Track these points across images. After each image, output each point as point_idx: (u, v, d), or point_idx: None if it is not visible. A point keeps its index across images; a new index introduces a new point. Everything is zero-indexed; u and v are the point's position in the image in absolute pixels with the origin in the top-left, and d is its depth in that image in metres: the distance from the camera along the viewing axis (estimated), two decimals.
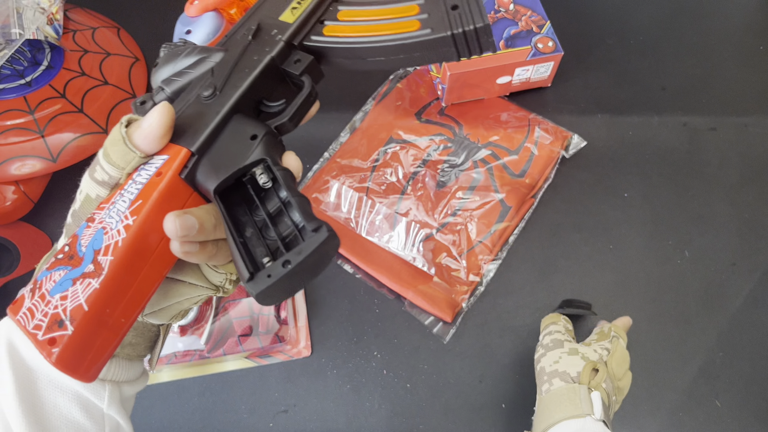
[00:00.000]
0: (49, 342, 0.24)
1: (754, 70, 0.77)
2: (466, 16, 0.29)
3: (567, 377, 0.46)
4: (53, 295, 0.25)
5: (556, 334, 0.51)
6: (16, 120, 0.61)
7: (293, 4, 0.33)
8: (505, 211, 0.66)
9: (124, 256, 0.26)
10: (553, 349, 0.49)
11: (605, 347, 0.50)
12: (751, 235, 0.66)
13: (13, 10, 0.63)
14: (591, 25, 0.80)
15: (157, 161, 0.27)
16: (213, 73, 0.30)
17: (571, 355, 0.48)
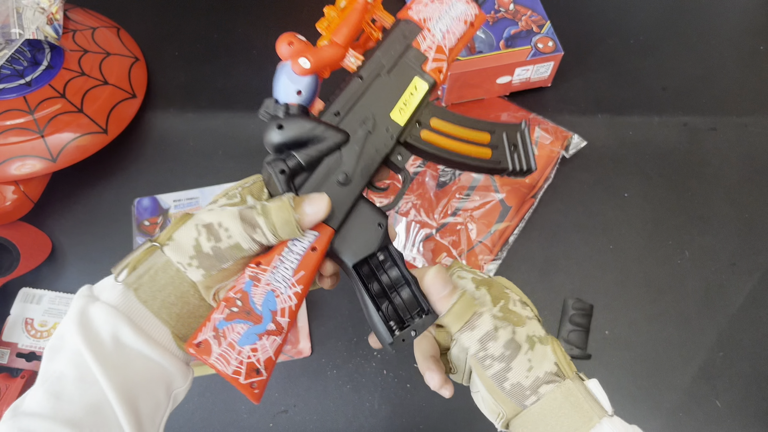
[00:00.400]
0: (250, 386, 0.33)
1: (755, 70, 0.77)
2: (521, 157, 0.42)
3: (552, 377, 0.35)
4: (242, 346, 0.33)
5: (502, 333, 0.36)
6: (15, 120, 0.61)
7: (400, 105, 0.40)
8: (505, 211, 0.66)
9: (294, 317, 0.35)
10: (517, 356, 0.36)
11: (518, 300, 0.38)
12: (750, 235, 0.66)
13: (12, 9, 0.63)
14: (591, 25, 0.80)
15: (309, 236, 0.36)
16: (342, 158, 0.38)
17: (535, 348, 0.36)
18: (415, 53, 0.41)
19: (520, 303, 0.38)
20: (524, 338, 0.36)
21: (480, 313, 0.37)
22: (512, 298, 0.38)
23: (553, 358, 0.36)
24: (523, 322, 0.37)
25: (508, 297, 0.38)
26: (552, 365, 0.36)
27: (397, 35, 0.41)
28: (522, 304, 0.38)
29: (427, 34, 0.42)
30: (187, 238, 0.34)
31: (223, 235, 0.34)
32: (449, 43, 0.42)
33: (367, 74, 0.40)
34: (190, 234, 0.34)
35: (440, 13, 0.42)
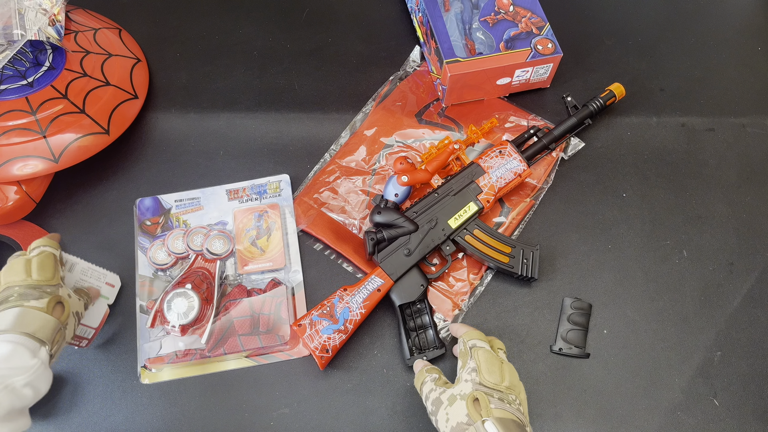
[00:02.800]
0: (320, 358, 0.57)
1: (752, 71, 0.77)
2: (529, 269, 0.62)
3: (463, 426, 0.45)
4: (323, 334, 0.57)
5: (432, 394, 0.50)
6: (18, 120, 0.61)
7: (456, 216, 0.62)
8: (505, 211, 0.67)
9: (356, 327, 0.59)
10: (438, 411, 0.48)
11: (471, 368, 0.49)
12: (748, 234, 0.66)
13: (15, 11, 0.64)
14: (590, 27, 0.81)
15: (377, 282, 0.60)
16: (410, 240, 0.61)
17: (452, 404, 0.47)
18: (474, 186, 0.63)
19: (470, 370, 0.49)
20: (448, 397, 0.48)
21: (426, 381, 0.52)
22: (468, 367, 0.49)
23: (464, 411, 0.45)
24: (458, 384, 0.49)
25: (465, 365, 0.50)
26: (463, 416, 0.45)
27: (467, 173, 0.64)
28: (470, 371, 0.49)
29: (487, 176, 0.64)
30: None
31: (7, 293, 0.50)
32: (499, 185, 0.64)
33: (441, 192, 0.63)
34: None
35: (499, 165, 0.64)
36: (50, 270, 0.51)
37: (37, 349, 0.46)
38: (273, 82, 0.76)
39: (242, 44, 0.79)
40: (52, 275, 0.51)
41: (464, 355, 0.52)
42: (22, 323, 0.46)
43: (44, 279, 0.50)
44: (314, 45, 0.79)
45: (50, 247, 0.53)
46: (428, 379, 0.52)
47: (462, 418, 0.45)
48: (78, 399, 0.58)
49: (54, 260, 0.52)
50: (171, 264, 0.63)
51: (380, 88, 0.75)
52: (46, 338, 0.47)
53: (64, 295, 0.51)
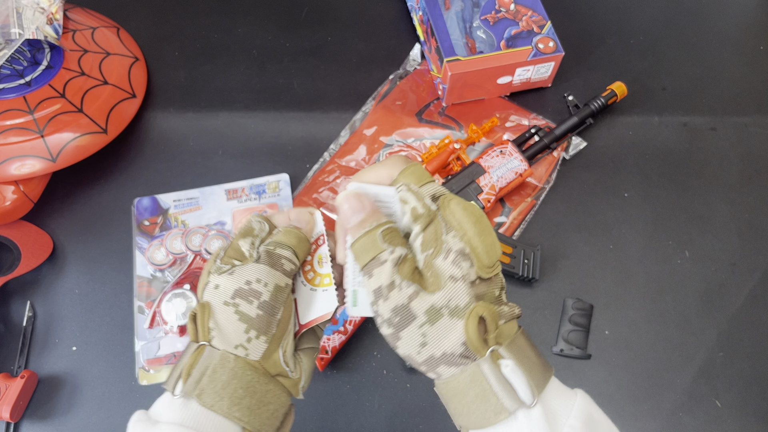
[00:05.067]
0: (320, 359, 0.56)
1: (754, 70, 0.77)
2: (530, 269, 0.61)
3: (454, 359, 0.29)
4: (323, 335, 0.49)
5: (394, 294, 0.30)
6: (15, 120, 0.61)
7: None
8: (506, 211, 0.66)
9: (356, 328, 0.58)
10: (406, 328, 0.30)
11: (456, 251, 0.29)
12: (751, 234, 0.66)
13: (12, 9, 0.63)
14: (591, 26, 0.80)
15: None
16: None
17: (434, 323, 0.29)
18: (475, 186, 0.62)
19: (456, 254, 0.29)
20: (425, 308, 0.29)
21: (381, 260, 0.30)
22: (446, 249, 0.29)
23: (462, 337, 0.29)
24: (438, 287, 0.29)
25: (440, 247, 0.29)
26: (457, 345, 0.29)
27: (468, 172, 0.63)
28: (459, 257, 0.29)
29: (487, 176, 0.63)
30: (228, 317, 0.31)
31: (260, 288, 0.32)
32: (500, 185, 0.63)
33: None
34: (227, 313, 0.31)
35: (500, 164, 0.63)
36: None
37: None
38: (272, 81, 0.76)
39: (241, 43, 0.79)
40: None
41: (423, 219, 0.30)
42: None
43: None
44: (314, 44, 0.79)
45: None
46: (387, 256, 0.30)
47: (454, 348, 0.29)
48: (76, 400, 0.58)
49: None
50: (169, 264, 0.63)
51: (380, 87, 0.75)
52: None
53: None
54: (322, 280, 0.37)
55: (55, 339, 0.61)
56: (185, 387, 0.30)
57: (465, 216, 0.30)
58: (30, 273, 0.62)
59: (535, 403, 0.28)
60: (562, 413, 0.29)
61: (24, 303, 0.62)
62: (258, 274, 0.32)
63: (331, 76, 0.76)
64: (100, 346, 0.60)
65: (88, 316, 0.62)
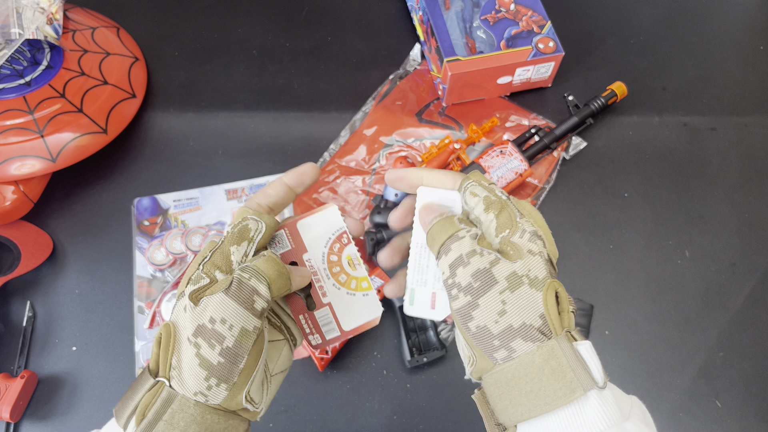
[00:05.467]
0: (320, 359, 0.56)
1: (755, 70, 0.77)
2: None
3: (532, 332, 0.28)
4: None
5: (475, 259, 0.30)
6: (15, 120, 0.61)
7: None
8: None
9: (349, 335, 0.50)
10: (486, 292, 0.29)
11: (530, 232, 0.31)
12: (751, 235, 0.66)
13: (12, 9, 0.63)
14: (591, 26, 0.80)
15: (377, 281, 0.58)
16: None
17: (516, 289, 0.29)
18: None
19: (531, 234, 0.30)
20: (506, 274, 0.29)
21: (460, 236, 0.31)
22: (522, 228, 0.31)
23: (541, 309, 0.28)
24: (519, 256, 0.30)
25: (517, 227, 0.31)
26: (536, 317, 0.28)
27: (468, 172, 0.59)
28: (533, 236, 0.30)
29: (487, 176, 0.61)
30: (189, 360, 0.29)
31: (224, 331, 0.29)
32: (500, 185, 0.62)
33: None
34: (189, 353, 0.29)
35: (500, 164, 0.63)
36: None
37: None
38: (272, 81, 0.76)
39: (241, 43, 0.79)
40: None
41: (495, 206, 0.32)
42: None
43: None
44: (313, 43, 0.79)
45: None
46: (465, 233, 0.31)
47: (532, 319, 0.29)
48: (76, 401, 0.58)
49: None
50: (169, 264, 0.63)
51: (380, 86, 0.75)
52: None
53: None
54: (359, 284, 0.36)
55: (55, 339, 0.61)
56: (139, 428, 0.28)
57: (533, 209, 0.33)
58: (30, 273, 0.62)
59: (605, 385, 0.28)
60: (625, 404, 0.29)
61: (24, 303, 0.62)
62: (224, 313, 0.29)
63: (331, 76, 0.76)
64: (100, 346, 0.60)
65: (88, 316, 0.62)
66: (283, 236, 0.36)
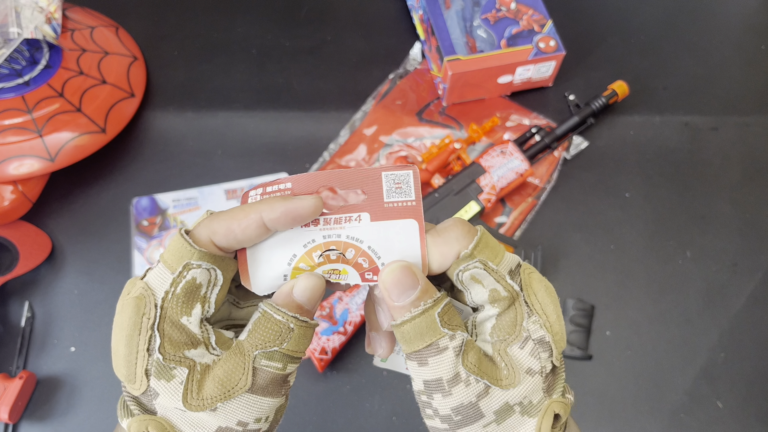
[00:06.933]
0: (320, 360, 0.55)
1: (756, 69, 0.77)
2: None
3: None
4: (321, 336, 0.55)
5: (458, 390, 0.24)
6: (14, 119, 0.61)
7: (456, 216, 0.58)
8: (506, 211, 0.66)
9: (356, 329, 0.57)
10: (466, 426, 0.25)
11: (534, 339, 0.25)
12: (752, 234, 0.65)
13: (11, 9, 0.63)
14: (592, 25, 0.80)
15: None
16: None
17: (502, 421, 0.25)
18: (475, 186, 0.62)
19: (535, 344, 0.25)
20: (496, 408, 0.24)
21: (440, 347, 0.24)
22: (525, 337, 0.25)
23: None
24: (514, 382, 0.24)
25: (520, 335, 0.25)
26: None
27: (468, 172, 0.63)
28: (537, 347, 0.25)
29: (488, 176, 0.62)
30: None
31: (257, 425, 0.24)
32: (500, 185, 0.62)
33: (442, 192, 0.62)
34: None
35: (500, 164, 0.63)
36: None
37: None
38: (271, 80, 0.76)
39: (240, 42, 0.78)
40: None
41: (503, 303, 0.25)
42: None
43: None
44: (313, 43, 0.78)
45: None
46: (447, 342, 0.24)
47: None
48: (74, 401, 0.58)
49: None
50: None
51: (380, 86, 0.74)
52: None
53: None
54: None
55: (54, 339, 0.60)
56: None
57: (548, 297, 0.26)
58: (28, 273, 0.62)
59: None
60: None
61: (22, 303, 0.62)
62: (259, 413, 0.24)
63: (331, 76, 0.76)
64: (98, 347, 0.60)
65: (86, 317, 0.61)
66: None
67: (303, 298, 0.24)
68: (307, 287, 0.24)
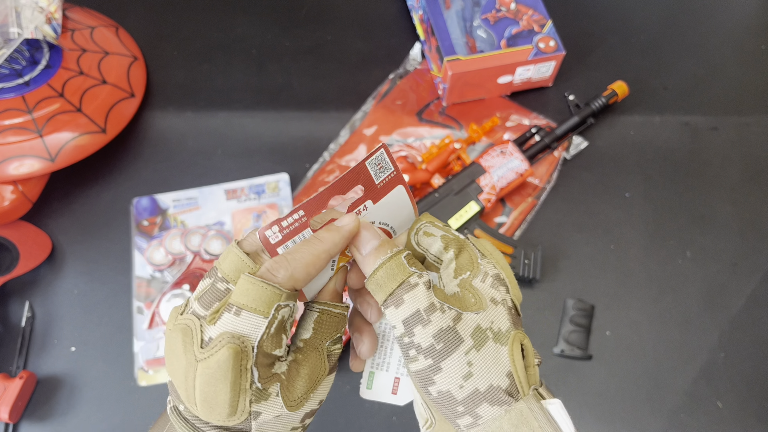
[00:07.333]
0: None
1: (756, 69, 0.77)
2: (530, 269, 0.61)
3: (499, 394, 0.26)
4: None
5: (436, 317, 0.26)
6: (14, 119, 0.61)
7: (457, 216, 0.60)
8: (506, 211, 0.66)
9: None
10: (450, 354, 0.26)
11: (493, 275, 0.28)
12: (752, 235, 0.65)
13: (11, 9, 0.63)
14: (592, 25, 0.80)
15: None
16: None
17: (481, 347, 0.26)
18: (475, 186, 0.62)
19: (494, 279, 0.28)
20: (471, 330, 0.26)
21: (412, 283, 0.26)
22: (483, 271, 0.28)
23: (507, 367, 0.26)
24: (482, 306, 0.27)
25: (478, 269, 0.28)
26: (503, 377, 0.26)
27: (468, 172, 0.63)
28: (496, 281, 0.28)
29: (488, 176, 0.62)
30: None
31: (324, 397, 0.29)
32: (500, 185, 0.62)
33: (442, 192, 0.62)
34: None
35: (500, 164, 0.63)
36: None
37: None
38: (271, 80, 0.76)
39: (240, 42, 0.78)
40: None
41: (454, 244, 0.29)
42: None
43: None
44: (313, 43, 0.78)
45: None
46: (417, 279, 0.27)
47: (500, 380, 0.26)
48: (74, 401, 0.58)
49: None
50: (168, 264, 0.63)
51: (380, 86, 0.74)
52: None
53: None
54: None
55: (54, 339, 0.60)
56: None
57: (494, 249, 0.30)
58: (29, 273, 0.62)
59: None
60: None
61: (23, 303, 0.62)
62: (330, 386, 0.30)
63: (331, 76, 0.76)
64: (99, 347, 0.60)
65: (86, 317, 0.61)
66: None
67: (342, 288, 0.30)
68: (343, 280, 0.31)
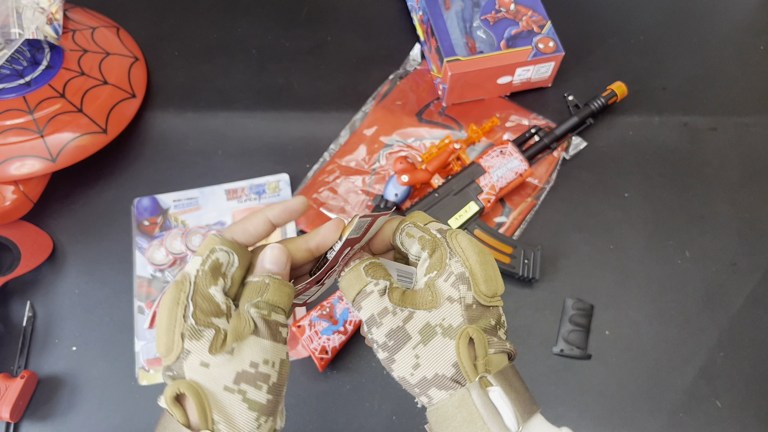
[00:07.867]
0: (320, 359, 0.56)
1: (755, 70, 0.77)
2: (530, 269, 0.61)
3: (445, 381, 0.30)
4: (322, 335, 0.56)
5: (387, 319, 0.31)
6: (15, 120, 0.61)
7: (456, 216, 0.61)
8: (506, 211, 0.66)
9: (356, 328, 0.57)
10: (402, 349, 0.30)
11: (456, 275, 0.31)
12: (751, 235, 0.66)
13: (12, 9, 0.63)
14: (592, 25, 0.80)
15: None
16: None
17: (428, 342, 0.30)
18: (475, 186, 0.63)
19: (456, 278, 0.31)
20: (419, 327, 0.30)
21: (368, 292, 0.31)
22: (448, 271, 0.31)
23: (453, 358, 0.29)
24: (435, 305, 0.31)
25: (443, 269, 0.31)
26: (449, 367, 0.29)
27: (468, 173, 0.63)
28: (458, 280, 0.31)
29: (487, 176, 0.63)
30: (236, 407, 0.29)
31: (267, 370, 0.29)
32: (500, 185, 0.63)
33: (441, 192, 0.63)
34: (233, 401, 0.29)
35: (500, 164, 0.63)
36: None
37: None
38: (272, 80, 0.76)
39: (241, 42, 0.79)
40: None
41: (429, 245, 0.32)
42: None
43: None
44: (313, 43, 0.79)
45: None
46: (373, 287, 0.31)
47: (445, 369, 0.30)
48: (75, 401, 0.58)
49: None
50: (169, 264, 0.63)
51: (380, 86, 0.75)
52: None
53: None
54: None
55: (55, 339, 0.61)
56: None
57: (470, 245, 0.32)
58: (30, 273, 0.62)
59: (519, 430, 0.28)
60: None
61: (24, 303, 0.62)
62: (265, 354, 0.29)
63: (331, 76, 0.76)
64: (99, 347, 0.60)
65: (87, 316, 0.62)
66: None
67: (271, 264, 0.32)
68: (273, 255, 0.32)
